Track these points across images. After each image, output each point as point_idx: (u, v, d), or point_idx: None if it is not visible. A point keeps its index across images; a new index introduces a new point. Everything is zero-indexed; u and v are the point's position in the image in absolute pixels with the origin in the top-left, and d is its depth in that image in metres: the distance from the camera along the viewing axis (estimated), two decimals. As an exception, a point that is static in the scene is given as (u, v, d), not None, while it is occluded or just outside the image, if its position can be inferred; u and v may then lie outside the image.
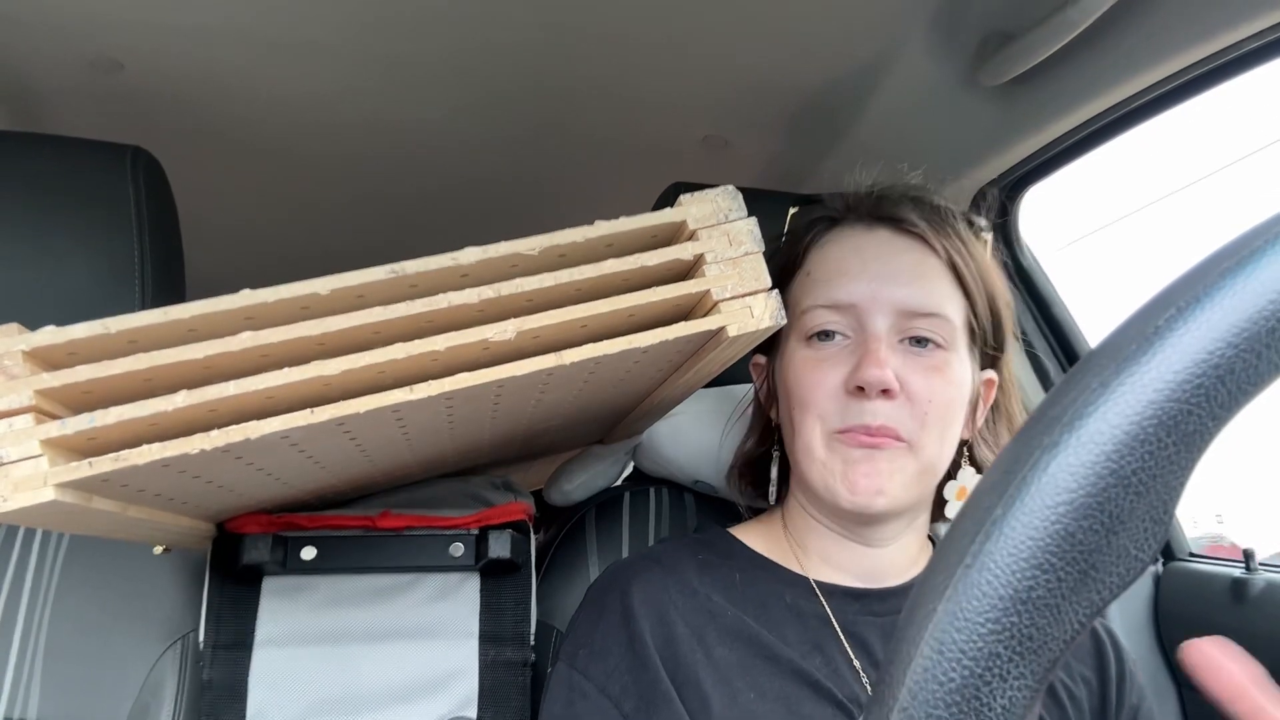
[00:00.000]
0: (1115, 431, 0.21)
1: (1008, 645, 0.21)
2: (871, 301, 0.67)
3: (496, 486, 0.80)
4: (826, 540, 0.71)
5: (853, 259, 0.69)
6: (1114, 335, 0.23)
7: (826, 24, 0.97)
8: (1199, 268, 0.22)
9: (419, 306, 0.47)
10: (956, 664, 0.21)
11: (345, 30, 0.99)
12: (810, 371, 0.67)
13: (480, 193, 1.41)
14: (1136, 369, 0.21)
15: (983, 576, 0.21)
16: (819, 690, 0.63)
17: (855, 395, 0.65)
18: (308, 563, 0.72)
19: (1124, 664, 0.73)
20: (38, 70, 1.06)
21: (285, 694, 0.70)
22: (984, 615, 0.21)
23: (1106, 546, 0.21)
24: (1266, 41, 0.81)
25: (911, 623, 0.22)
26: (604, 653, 0.65)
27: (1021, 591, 0.21)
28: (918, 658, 0.22)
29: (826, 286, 0.68)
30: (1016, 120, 1.04)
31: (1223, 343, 0.21)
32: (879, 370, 0.63)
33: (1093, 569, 0.21)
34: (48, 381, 0.42)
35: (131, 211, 0.80)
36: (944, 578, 0.22)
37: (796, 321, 0.69)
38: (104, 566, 0.77)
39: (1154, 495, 0.21)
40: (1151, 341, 0.22)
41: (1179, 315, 0.22)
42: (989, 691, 0.21)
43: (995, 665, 0.21)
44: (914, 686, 0.21)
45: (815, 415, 0.66)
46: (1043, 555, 0.21)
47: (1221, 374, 0.21)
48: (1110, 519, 0.21)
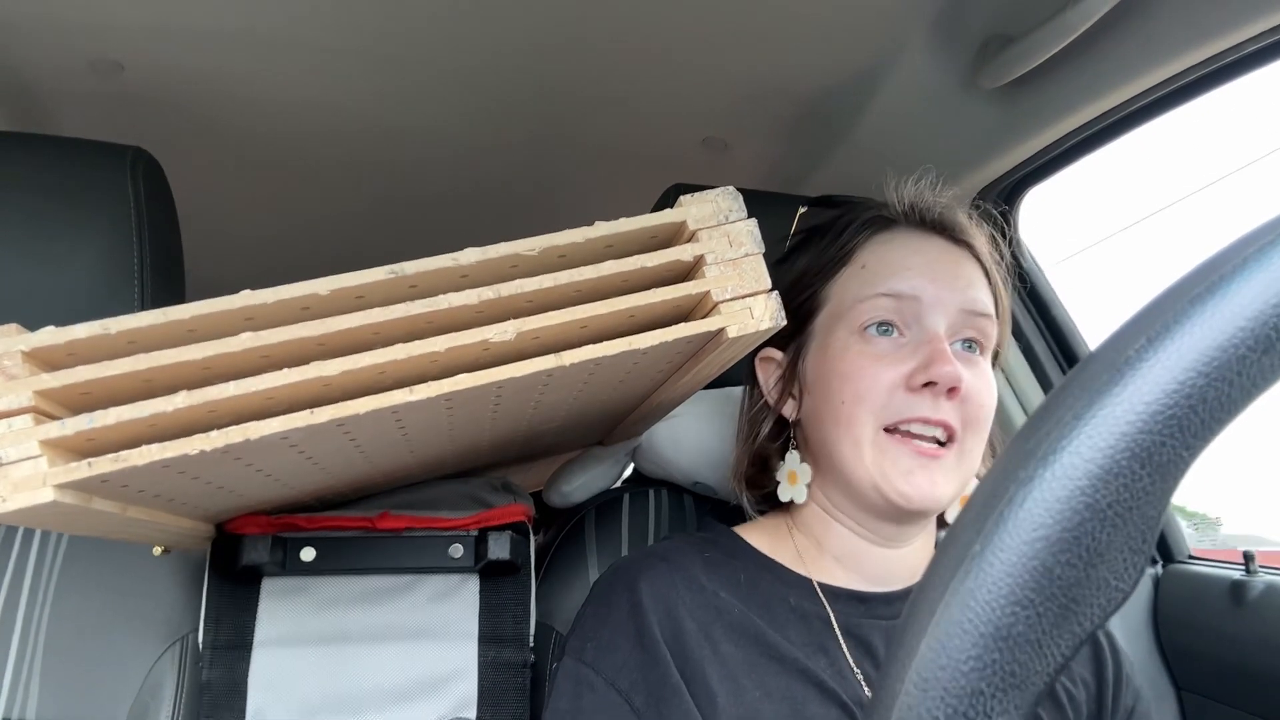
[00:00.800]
0: (1089, 465, 0.21)
1: (990, 682, 0.21)
2: (936, 299, 0.67)
3: (496, 488, 0.80)
4: (846, 541, 0.71)
5: (915, 258, 0.70)
6: (1086, 364, 0.23)
7: (826, 27, 0.97)
8: (1168, 294, 0.22)
9: (419, 307, 0.47)
10: (940, 702, 0.21)
11: (346, 33, 0.99)
12: (867, 365, 0.67)
13: (480, 194, 1.41)
14: (1108, 400, 0.21)
15: (963, 615, 0.21)
16: (824, 691, 0.63)
17: (918, 392, 0.65)
18: (307, 564, 0.72)
19: (1121, 666, 0.73)
20: (38, 71, 1.06)
21: (284, 695, 0.70)
22: (965, 653, 0.21)
23: (1086, 580, 0.21)
24: (1265, 44, 0.81)
25: (895, 659, 0.22)
26: (612, 647, 0.65)
27: (1002, 629, 0.21)
28: (902, 695, 0.22)
29: (888, 278, 0.69)
30: (1016, 123, 1.04)
31: (1193, 372, 0.21)
32: (953, 368, 0.64)
33: (1073, 602, 0.21)
34: (47, 382, 0.42)
35: (131, 212, 0.80)
36: (925, 615, 0.22)
37: (847, 312, 0.69)
38: (103, 567, 0.77)
39: (1131, 526, 0.21)
40: (1122, 372, 0.21)
41: (1149, 345, 0.21)
42: None
43: (979, 702, 0.21)
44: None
45: (869, 409, 0.66)
46: (1021, 592, 0.21)
47: (1193, 403, 0.21)
48: (1088, 552, 0.21)
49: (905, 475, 0.65)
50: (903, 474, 0.65)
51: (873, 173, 0.76)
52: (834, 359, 0.69)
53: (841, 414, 0.67)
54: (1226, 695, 1.07)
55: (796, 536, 0.73)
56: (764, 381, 0.76)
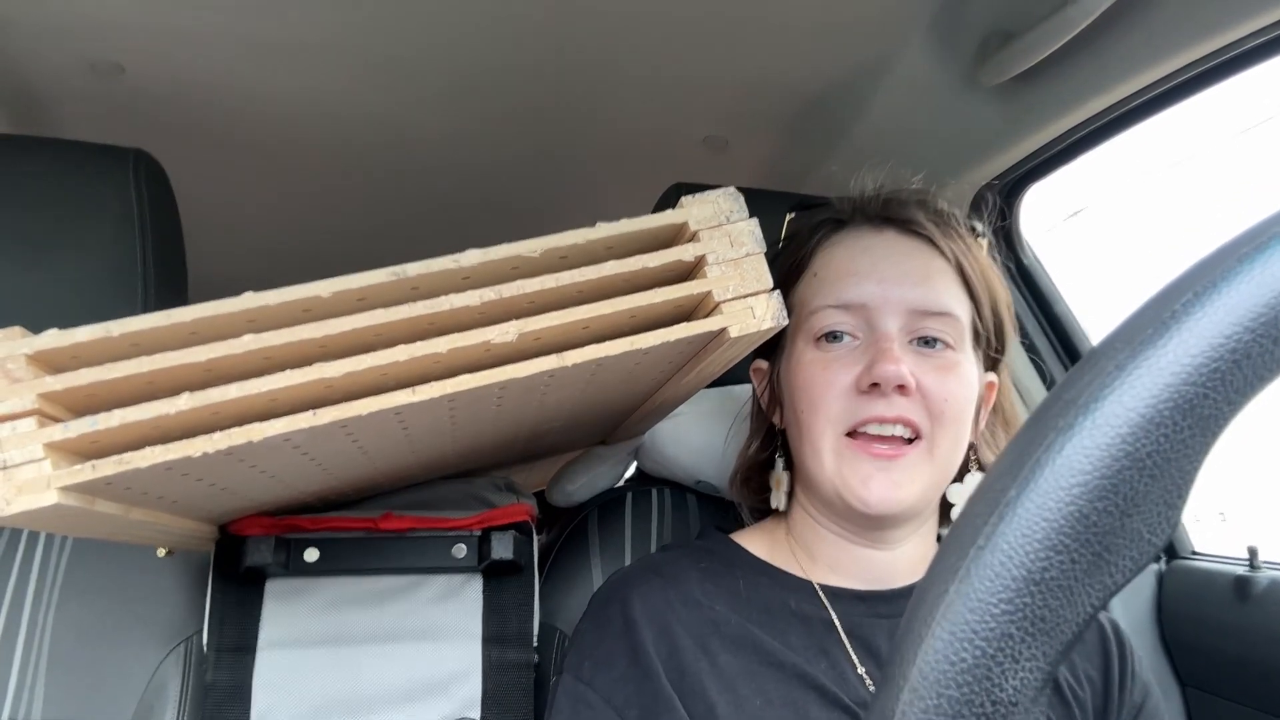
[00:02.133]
0: (1131, 414, 0.21)
1: (1020, 626, 0.21)
2: (882, 301, 0.66)
3: (499, 488, 0.80)
4: (834, 546, 0.71)
5: (861, 259, 0.69)
6: (1130, 320, 0.23)
7: (826, 24, 0.97)
8: (1216, 254, 0.22)
9: (421, 308, 0.47)
10: (968, 644, 0.21)
11: (346, 34, 1.00)
12: (820, 372, 0.67)
13: (482, 195, 1.41)
14: (1153, 352, 0.21)
15: (995, 557, 0.21)
16: (825, 695, 0.63)
17: (869, 394, 0.64)
18: (311, 565, 0.72)
19: (1128, 661, 0.73)
20: (39, 74, 1.06)
21: (289, 696, 0.70)
22: (997, 596, 0.21)
23: (1120, 529, 0.21)
24: (1266, 39, 0.81)
25: (923, 603, 0.22)
26: (608, 664, 0.65)
27: (1035, 572, 0.21)
28: (929, 638, 0.22)
29: (835, 286, 0.68)
30: (1017, 119, 1.04)
31: (1239, 327, 0.21)
32: (894, 365, 0.63)
33: (1106, 551, 0.21)
34: (51, 385, 0.42)
35: (134, 214, 0.80)
36: (956, 559, 0.22)
37: (804, 323, 0.69)
38: (107, 569, 0.77)
39: (1168, 479, 0.21)
40: (1168, 325, 0.22)
41: (1195, 300, 0.22)
42: (1000, 672, 0.21)
43: (1007, 646, 0.21)
44: (925, 666, 0.21)
45: (825, 417, 0.66)
46: (1056, 537, 0.21)
47: (1238, 358, 0.21)
48: (1125, 501, 0.21)
49: (863, 481, 0.64)
50: (861, 480, 0.64)
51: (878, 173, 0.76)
52: (794, 370, 0.69)
53: (803, 423, 0.68)
54: (1230, 690, 1.07)
55: (792, 542, 0.73)
56: (758, 391, 0.78)
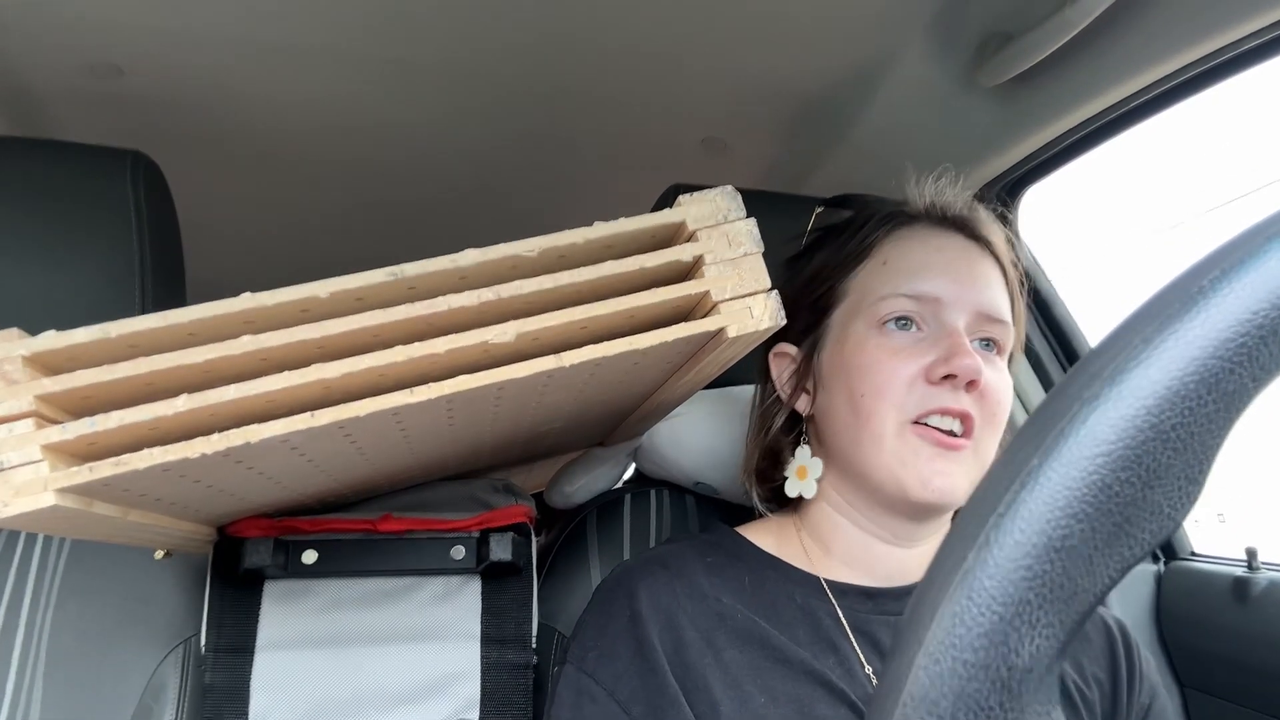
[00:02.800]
0: (1156, 386, 0.21)
1: (1039, 593, 0.21)
2: (955, 298, 0.68)
3: (497, 489, 0.80)
4: (853, 540, 0.70)
5: (935, 256, 0.70)
6: (1157, 295, 0.23)
7: (825, 25, 0.97)
8: (1246, 233, 0.23)
9: (419, 309, 0.47)
10: (986, 609, 0.21)
11: (344, 34, 1.00)
12: (887, 359, 0.67)
13: (480, 195, 1.41)
14: (1180, 326, 0.21)
15: (1016, 524, 0.21)
16: (832, 691, 0.63)
17: (938, 385, 0.65)
18: (309, 566, 0.72)
19: (1135, 662, 0.73)
20: (38, 75, 1.06)
21: (287, 698, 0.70)
22: (1016, 562, 0.21)
23: (1142, 500, 0.21)
24: (1265, 40, 0.81)
25: (941, 568, 0.23)
26: (612, 656, 0.65)
27: (1055, 540, 0.21)
28: (946, 601, 0.22)
29: (909, 276, 0.69)
30: (1016, 120, 1.04)
31: (1267, 304, 0.21)
32: (973, 360, 0.64)
33: (1127, 522, 0.21)
34: (48, 386, 0.42)
35: (132, 216, 0.80)
36: (976, 526, 0.22)
37: (867, 308, 0.69)
38: (105, 571, 0.77)
39: (1191, 452, 0.21)
40: (1195, 300, 0.22)
41: (1223, 276, 0.22)
42: (1017, 638, 0.21)
43: (1025, 612, 0.21)
44: (940, 630, 0.22)
45: (891, 402, 0.66)
46: (1079, 505, 0.21)
47: (1265, 334, 0.21)
48: (1147, 473, 0.21)
49: (926, 464, 0.65)
50: (924, 463, 0.65)
51: (873, 172, 0.76)
52: (852, 353, 0.69)
53: (861, 407, 0.67)
54: (1229, 692, 1.07)
55: (803, 536, 0.73)
56: (777, 376, 0.76)
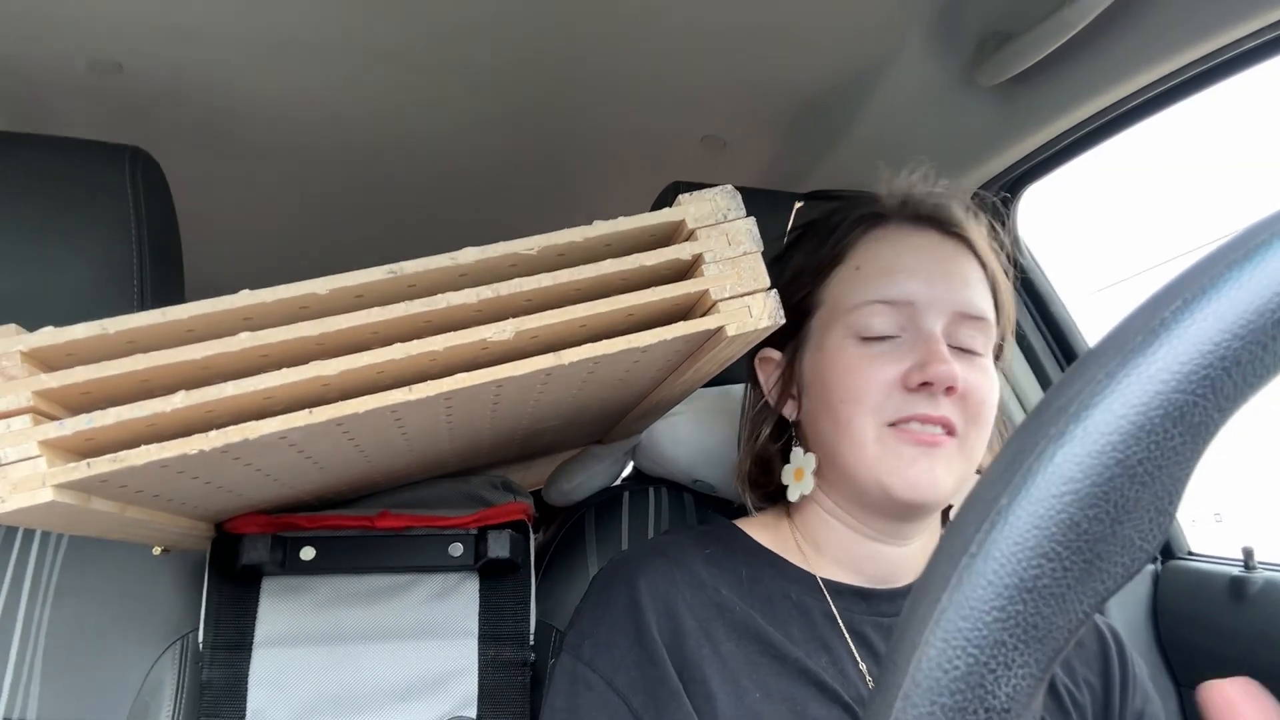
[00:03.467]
0: (1121, 422, 0.21)
1: (1013, 634, 0.21)
2: (929, 301, 0.67)
3: (495, 486, 0.80)
4: (845, 539, 0.70)
5: (907, 256, 0.69)
6: (1119, 328, 0.23)
7: (824, 24, 0.97)
8: (1205, 261, 0.23)
9: (418, 307, 0.47)
10: (961, 652, 0.21)
11: (344, 31, 0.99)
12: (864, 366, 0.66)
13: (479, 192, 1.41)
14: (1142, 360, 0.21)
15: (988, 565, 0.21)
16: (825, 691, 0.63)
17: (916, 391, 0.65)
18: (307, 563, 0.72)
19: (1128, 667, 0.72)
20: (36, 71, 1.06)
21: (285, 694, 0.70)
22: (989, 604, 0.21)
23: (1112, 536, 0.21)
24: (1264, 40, 0.81)
25: (916, 611, 0.22)
26: (610, 645, 0.64)
27: (1027, 580, 0.21)
28: (922, 645, 0.22)
29: (881, 283, 0.68)
30: (1014, 120, 1.04)
31: (1229, 334, 0.21)
32: (948, 367, 0.64)
33: (1098, 558, 0.21)
34: (46, 382, 0.42)
35: (130, 212, 0.80)
36: (949, 567, 0.22)
37: (842, 315, 0.69)
38: (103, 567, 0.77)
39: (1159, 485, 0.21)
40: (1157, 333, 0.22)
41: (1185, 307, 0.22)
42: (994, 680, 0.21)
43: (1000, 653, 0.21)
44: (918, 674, 0.22)
45: (868, 409, 0.66)
46: (1048, 544, 0.21)
47: (1228, 365, 0.21)
48: (1116, 509, 0.21)
49: (909, 465, 0.64)
50: (906, 464, 0.65)
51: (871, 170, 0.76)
52: (830, 359, 0.69)
53: (840, 414, 0.67)
54: (1226, 691, 1.07)
55: (797, 535, 0.73)
56: (764, 381, 0.76)
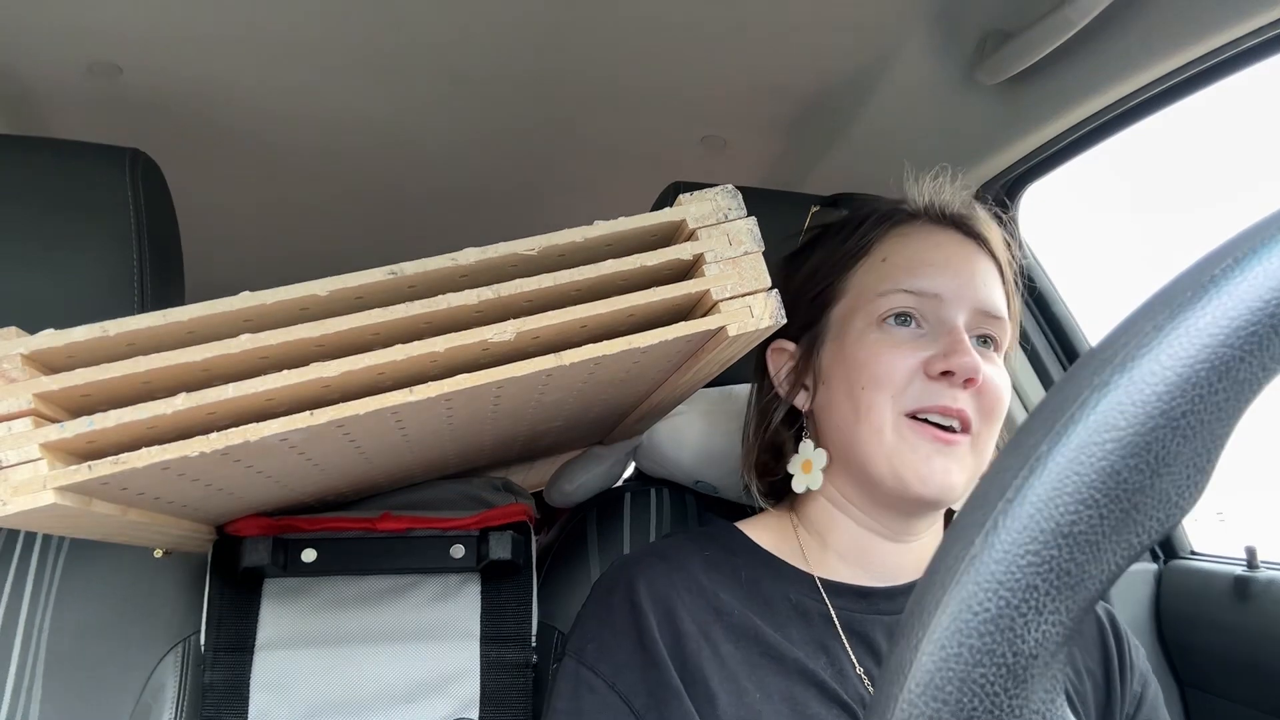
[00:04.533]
0: (1167, 373, 0.21)
1: (1046, 579, 0.21)
2: (955, 295, 0.68)
3: (497, 488, 0.80)
4: (851, 534, 0.71)
5: (935, 252, 0.70)
6: (1169, 284, 0.23)
7: (825, 24, 0.97)
8: (1258, 224, 0.23)
9: (418, 308, 0.47)
10: (993, 594, 0.21)
11: (343, 33, 0.99)
12: (887, 352, 0.67)
13: (479, 194, 1.41)
14: (1191, 314, 0.21)
15: (1024, 510, 0.21)
16: (824, 691, 0.63)
17: (937, 381, 0.65)
18: (308, 565, 0.72)
19: (1126, 652, 0.73)
20: (37, 74, 1.06)
21: (287, 696, 0.70)
22: (1024, 547, 0.21)
23: (1150, 487, 0.21)
24: (1264, 39, 0.81)
25: (949, 553, 0.22)
26: (612, 648, 0.65)
27: (1064, 525, 0.21)
28: (953, 586, 0.22)
29: (908, 274, 0.69)
30: (1015, 118, 1.04)
31: (1278, 293, 0.21)
32: (971, 358, 0.64)
33: (1135, 509, 0.21)
34: (47, 385, 0.42)
35: (130, 214, 0.80)
36: (984, 512, 0.22)
37: (867, 304, 0.70)
38: (104, 570, 0.77)
39: (1200, 440, 0.21)
40: (1207, 289, 0.22)
41: (1235, 265, 0.22)
42: (1024, 624, 0.21)
43: (1032, 598, 0.21)
44: (947, 615, 0.22)
45: (889, 395, 0.66)
46: (1087, 491, 0.21)
47: (1276, 323, 0.21)
48: (1156, 460, 0.21)
49: (925, 460, 0.65)
50: (922, 459, 0.65)
51: (872, 169, 0.76)
52: (852, 347, 0.69)
53: (861, 400, 0.67)
54: (1229, 690, 1.07)
55: (800, 532, 0.73)
56: (775, 373, 0.76)
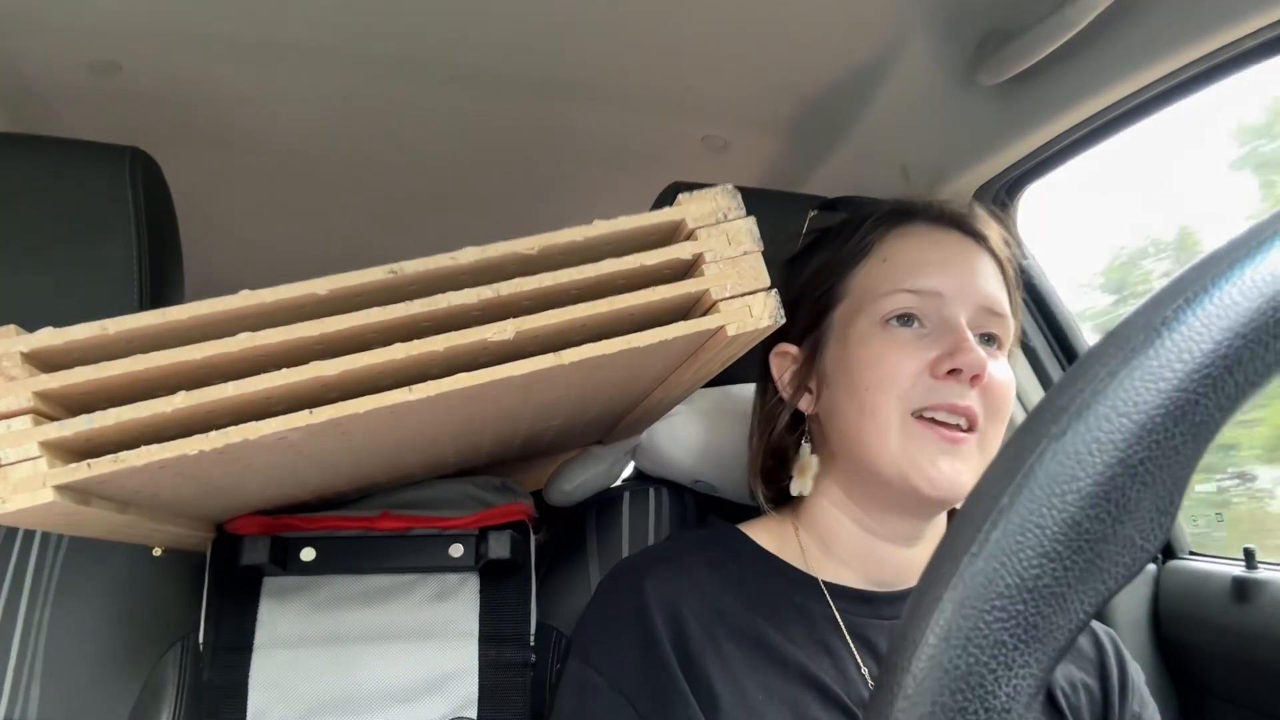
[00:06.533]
0: (1123, 420, 0.21)
1: (1013, 634, 0.21)
2: (957, 293, 0.68)
3: (496, 487, 0.80)
4: (854, 538, 0.70)
5: (934, 252, 0.70)
6: (1121, 327, 0.23)
7: (825, 24, 0.97)
8: (1207, 260, 0.22)
9: (418, 307, 0.47)
10: (962, 651, 0.21)
11: (344, 32, 0.99)
12: (891, 353, 0.67)
13: (479, 193, 1.41)
14: (1144, 359, 0.21)
15: (989, 565, 0.21)
16: (826, 694, 0.63)
17: (943, 380, 0.65)
18: (307, 564, 0.72)
19: (1126, 671, 0.73)
20: (37, 72, 1.06)
21: (285, 695, 0.70)
22: (990, 603, 0.21)
23: (1113, 535, 0.21)
24: (1265, 40, 0.81)
25: (918, 610, 0.22)
26: (617, 649, 0.65)
27: (1028, 580, 0.21)
28: (923, 645, 0.22)
29: (910, 273, 0.69)
30: (1015, 119, 1.04)
31: (1231, 333, 0.21)
32: (977, 355, 0.64)
33: (1099, 558, 0.21)
34: (46, 383, 0.42)
35: (130, 213, 0.80)
36: (950, 566, 0.22)
37: (869, 304, 0.69)
38: (103, 568, 0.77)
39: (1161, 485, 0.21)
40: (1159, 332, 0.21)
41: (1186, 305, 0.22)
42: (994, 679, 0.21)
43: (1001, 653, 0.21)
44: (919, 673, 0.21)
45: (895, 395, 0.66)
46: (1049, 544, 0.21)
47: (1229, 364, 0.21)
48: (1117, 508, 0.21)
49: (931, 461, 0.64)
50: (929, 460, 0.64)
51: (873, 170, 0.76)
52: (855, 348, 0.69)
53: (866, 401, 0.67)
54: (1227, 691, 1.07)
55: (802, 536, 0.73)
56: (778, 377, 0.76)
